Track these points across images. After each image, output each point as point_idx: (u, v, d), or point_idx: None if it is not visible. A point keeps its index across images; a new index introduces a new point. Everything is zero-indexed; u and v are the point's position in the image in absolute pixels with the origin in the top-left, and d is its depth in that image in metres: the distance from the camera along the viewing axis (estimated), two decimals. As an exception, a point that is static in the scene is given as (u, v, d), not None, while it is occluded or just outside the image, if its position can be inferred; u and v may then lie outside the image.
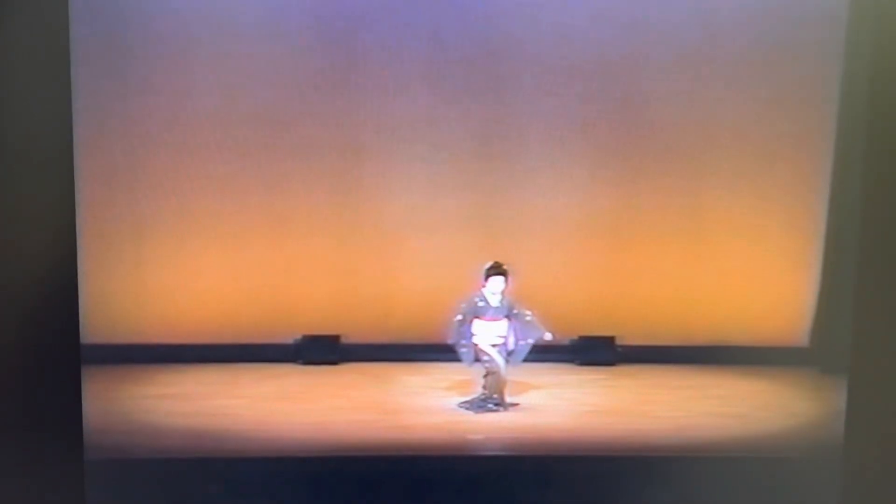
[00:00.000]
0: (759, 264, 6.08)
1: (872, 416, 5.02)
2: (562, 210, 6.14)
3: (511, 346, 5.68)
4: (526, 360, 5.73)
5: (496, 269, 5.65)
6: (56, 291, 4.79)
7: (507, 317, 5.67)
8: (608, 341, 6.24)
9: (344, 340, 6.21)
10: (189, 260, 6.06)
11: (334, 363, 6.23)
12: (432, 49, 5.91)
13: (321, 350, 6.21)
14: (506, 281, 5.64)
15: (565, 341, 6.13)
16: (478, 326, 5.67)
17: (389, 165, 6.07)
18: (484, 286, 5.66)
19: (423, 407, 5.76)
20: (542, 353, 5.78)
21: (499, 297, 5.66)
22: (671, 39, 5.88)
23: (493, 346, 5.66)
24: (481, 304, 5.67)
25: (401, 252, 6.11)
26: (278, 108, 5.96)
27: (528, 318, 5.65)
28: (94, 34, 5.44)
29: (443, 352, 5.77)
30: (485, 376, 5.69)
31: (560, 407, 5.79)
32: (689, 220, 6.12)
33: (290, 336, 6.20)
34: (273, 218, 6.10)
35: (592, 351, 6.25)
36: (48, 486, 4.85)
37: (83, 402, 4.89)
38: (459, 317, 5.66)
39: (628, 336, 6.22)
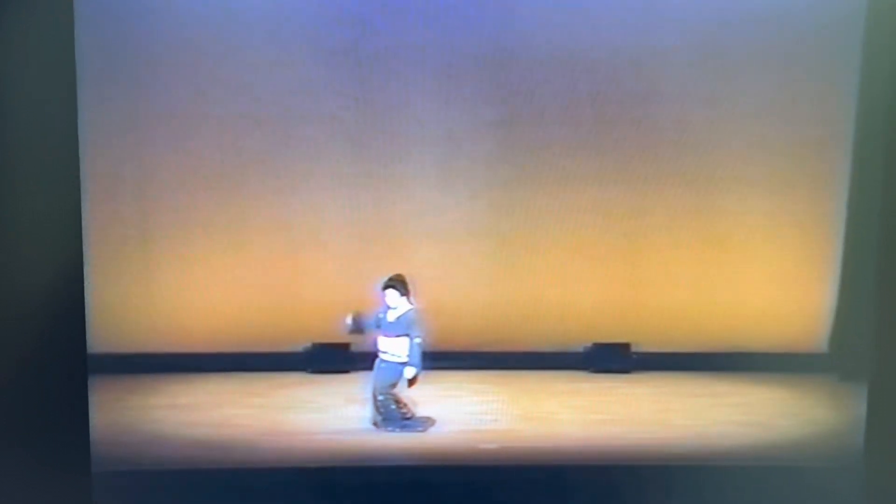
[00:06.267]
0: (776, 269, 6.02)
1: (893, 423, 5.00)
2: (575, 214, 6.08)
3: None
4: (539, 367, 5.68)
5: (389, 282, 5.56)
6: (63, 301, 4.78)
7: (407, 334, 5.58)
8: (623, 348, 6.18)
9: (354, 349, 6.16)
10: (197, 268, 6.02)
11: (345, 372, 6.18)
12: (445, 54, 5.87)
13: (331, 359, 6.16)
14: (403, 294, 5.56)
15: (579, 348, 6.08)
16: (379, 342, 5.61)
17: (401, 171, 6.03)
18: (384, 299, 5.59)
19: (436, 416, 5.71)
20: (555, 361, 5.73)
21: (397, 311, 5.58)
22: (686, 41, 5.83)
23: (383, 362, 5.60)
24: (381, 317, 5.59)
25: (411, 259, 6.06)
26: (287, 113, 5.92)
27: (416, 341, 5.57)
28: (99, 39, 5.41)
29: (458, 359, 5.73)
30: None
31: (574, 416, 5.74)
32: (704, 224, 6.06)
33: (299, 344, 6.16)
34: (282, 225, 6.06)
35: (607, 358, 6.18)
36: (55, 498, 4.83)
37: (90, 413, 4.87)
38: (349, 322, 5.58)
39: (644, 343, 6.16)
